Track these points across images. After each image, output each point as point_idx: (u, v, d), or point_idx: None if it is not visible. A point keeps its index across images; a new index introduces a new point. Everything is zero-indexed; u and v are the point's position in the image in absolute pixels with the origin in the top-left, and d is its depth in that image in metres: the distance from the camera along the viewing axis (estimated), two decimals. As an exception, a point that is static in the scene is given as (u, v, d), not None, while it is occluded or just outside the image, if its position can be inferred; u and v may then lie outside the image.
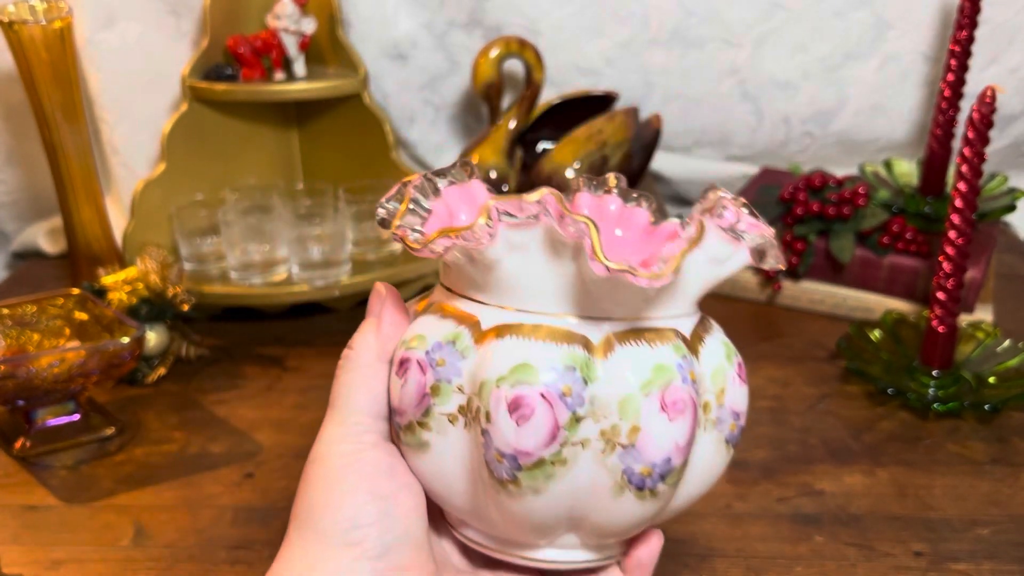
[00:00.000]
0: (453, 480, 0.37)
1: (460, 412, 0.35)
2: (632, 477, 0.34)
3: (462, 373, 0.35)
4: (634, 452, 0.34)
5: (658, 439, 0.34)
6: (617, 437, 0.34)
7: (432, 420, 0.36)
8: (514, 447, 0.34)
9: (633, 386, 0.34)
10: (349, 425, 0.37)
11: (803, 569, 0.56)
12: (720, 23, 0.99)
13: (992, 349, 0.75)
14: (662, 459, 0.34)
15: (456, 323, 0.36)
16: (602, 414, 0.34)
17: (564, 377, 0.34)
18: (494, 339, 0.35)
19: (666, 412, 0.34)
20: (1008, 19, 0.96)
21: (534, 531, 0.37)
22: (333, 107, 0.93)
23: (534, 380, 0.33)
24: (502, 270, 0.35)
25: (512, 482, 0.34)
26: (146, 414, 0.74)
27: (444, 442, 0.36)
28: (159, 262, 0.78)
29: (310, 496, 0.37)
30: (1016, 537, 0.59)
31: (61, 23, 0.79)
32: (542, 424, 0.33)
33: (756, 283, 0.90)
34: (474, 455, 0.35)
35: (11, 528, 0.62)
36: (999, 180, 0.91)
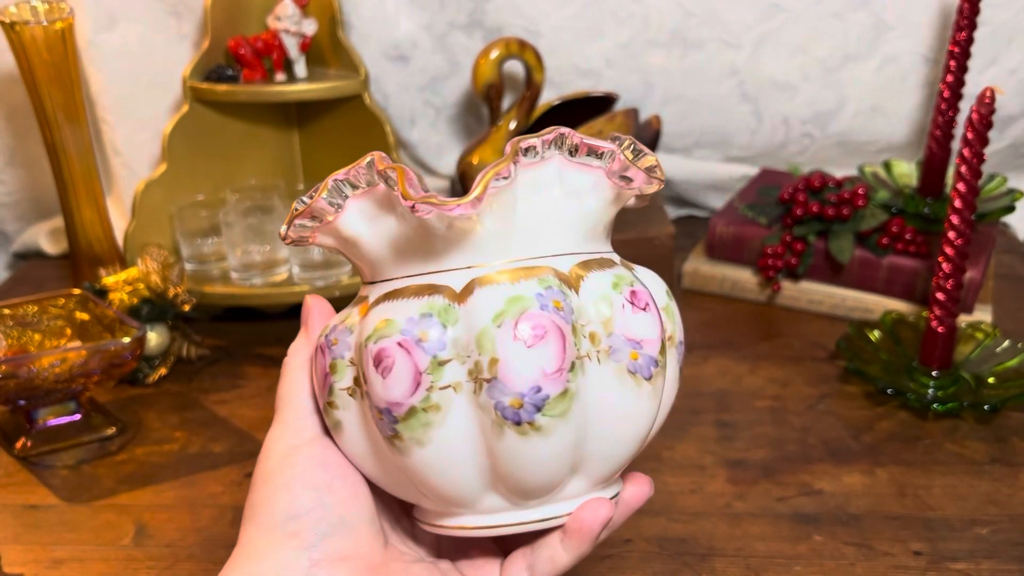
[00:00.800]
0: (367, 455, 0.38)
1: (355, 384, 0.37)
2: (505, 411, 0.34)
3: (351, 347, 0.37)
4: (499, 384, 0.34)
5: (519, 367, 0.34)
6: (480, 373, 0.34)
7: (336, 398, 0.37)
8: (386, 400, 0.35)
9: (486, 318, 0.34)
10: (289, 423, 0.39)
11: (802, 568, 0.56)
12: (720, 24, 0.99)
13: (991, 349, 0.75)
14: (529, 387, 0.34)
15: (353, 306, 0.38)
16: (465, 354, 0.35)
17: (419, 324, 0.35)
18: (372, 308, 0.36)
19: (522, 339, 0.34)
20: (1007, 20, 0.96)
21: (449, 491, 0.37)
22: (334, 108, 0.93)
23: (392, 332, 0.35)
24: (368, 244, 0.37)
25: (395, 436, 0.35)
26: (147, 414, 0.75)
27: (350, 417, 0.37)
28: (160, 262, 0.78)
29: (254, 493, 0.39)
30: (1015, 537, 0.59)
31: (62, 24, 0.79)
32: (403, 372, 0.34)
33: (756, 283, 0.90)
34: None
35: (12, 527, 0.62)
36: (998, 181, 0.92)
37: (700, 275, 0.92)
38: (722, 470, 0.66)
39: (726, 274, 0.91)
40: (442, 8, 0.99)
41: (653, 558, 0.58)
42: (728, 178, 1.05)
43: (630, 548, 0.58)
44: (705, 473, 0.65)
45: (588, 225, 0.38)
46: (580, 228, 0.38)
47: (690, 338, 0.84)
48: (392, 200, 0.36)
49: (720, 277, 0.91)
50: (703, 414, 0.72)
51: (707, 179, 1.06)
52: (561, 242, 0.38)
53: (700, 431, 0.70)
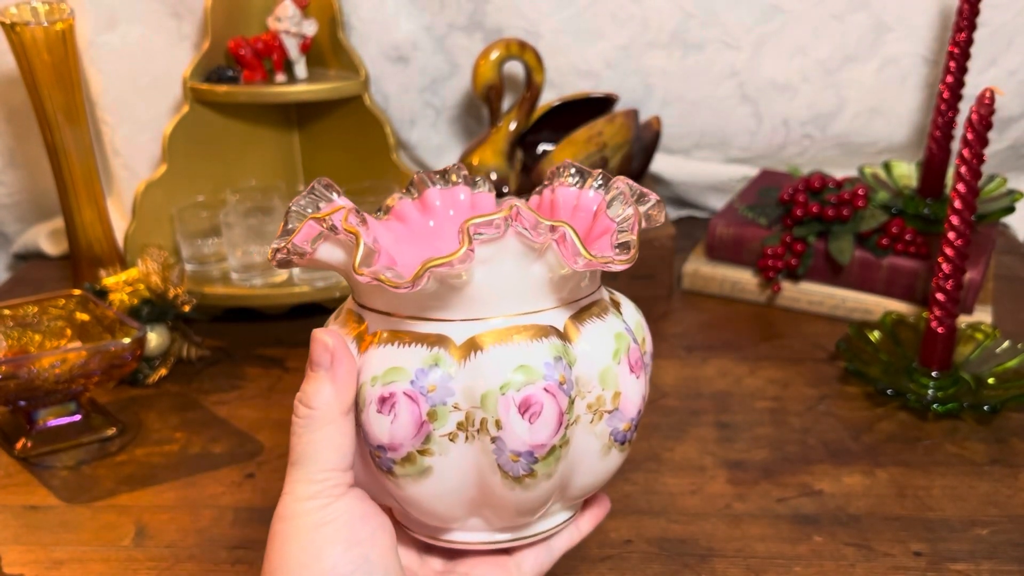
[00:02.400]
0: (456, 494, 0.38)
1: (459, 428, 0.36)
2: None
3: (455, 392, 0.36)
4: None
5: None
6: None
7: (433, 444, 0.37)
8: (529, 444, 0.36)
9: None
10: (317, 482, 0.37)
11: (802, 569, 0.56)
12: (719, 26, 0.99)
13: (991, 350, 0.75)
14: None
15: (427, 347, 0.37)
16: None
17: (555, 370, 0.36)
18: (476, 351, 0.36)
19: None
20: (1007, 21, 0.96)
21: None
22: (334, 109, 0.93)
23: (536, 378, 0.36)
24: (468, 286, 0.37)
25: (529, 475, 0.37)
26: (147, 414, 0.75)
27: (446, 461, 0.37)
28: (160, 263, 0.78)
29: (286, 554, 0.36)
30: (1015, 537, 0.59)
31: (63, 25, 0.79)
32: (551, 416, 0.36)
33: (756, 284, 0.90)
34: (482, 463, 0.37)
35: (12, 528, 0.62)
36: (998, 182, 0.92)
37: (700, 276, 0.92)
38: (722, 471, 0.66)
39: (726, 275, 0.91)
40: (442, 9, 0.99)
41: (653, 559, 0.58)
42: (728, 179, 1.05)
43: (630, 549, 0.58)
44: (705, 474, 0.66)
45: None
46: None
47: (690, 339, 0.84)
48: (527, 244, 0.36)
49: (720, 278, 0.91)
50: (703, 415, 0.72)
51: (707, 180, 1.06)
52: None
53: (700, 432, 0.70)
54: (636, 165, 0.93)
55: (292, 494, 0.37)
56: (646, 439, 0.69)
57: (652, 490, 0.64)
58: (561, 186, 0.43)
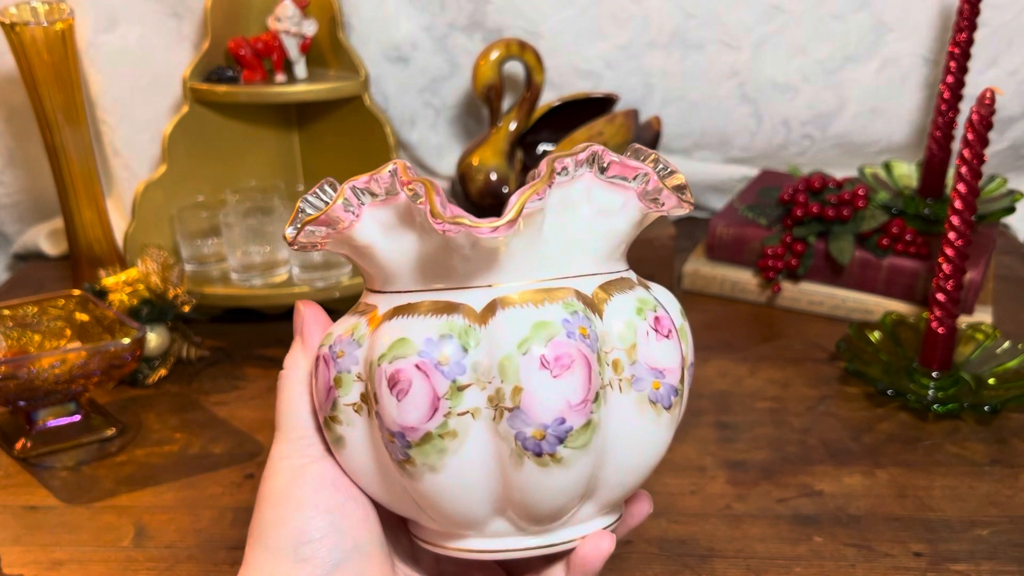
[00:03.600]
0: (370, 473, 0.36)
1: (363, 400, 0.35)
2: (526, 442, 0.33)
3: (359, 361, 0.35)
4: (521, 415, 0.33)
5: (544, 398, 0.33)
6: (502, 401, 0.33)
7: (340, 413, 0.35)
8: (399, 424, 0.33)
9: (510, 345, 0.33)
10: (293, 440, 0.38)
11: (802, 569, 0.56)
12: (720, 26, 0.99)
13: (991, 350, 0.75)
14: (553, 419, 0.33)
15: (358, 316, 0.36)
16: (486, 379, 0.33)
17: (439, 346, 0.33)
18: (384, 322, 0.35)
19: (548, 368, 0.33)
20: (1007, 21, 0.96)
21: (457, 516, 0.36)
22: (334, 109, 0.93)
23: (409, 352, 0.33)
24: (383, 254, 0.35)
25: (407, 461, 0.34)
26: (147, 415, 0.75)
27: (354, 434, 0.36)
28: (160, 263, 0.78)
29: (261, 514, 0.37)
30: (1015, 538, 0.59)
31: (63, 25, 0.79)
32: (421, 396, 0.33)
33: (756, 284, 0.90)
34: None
35: (12, 528, 0.62)
36: (998, 182, 0.92)
37: (700, 276, 0.92)
38: (722, 471, 0.66)
39: (726, 275, 0.91)
40: (442, 9, 0.99)
41: (653, 559, 0.58)
42: (728, 179, 1.05)
43: (630, 549, 0.58)
44: (705, 474, 0.65)
45: (612, 245, 0.37)
46: (604, 248, 0.37)
47: (690, 339, 0.84)
48: (413, 212, 0.34)
49: (720, 278, 0.91)
50: (703, 415, 0.72)
51: (707, 180, 1.06)
52: (584, 262, 0.36)
53: (700, 432, 0.70)
54: (636, 165, 0.93)
55: (272, 456, 0.38)
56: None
57: (652, 490, 0.64)
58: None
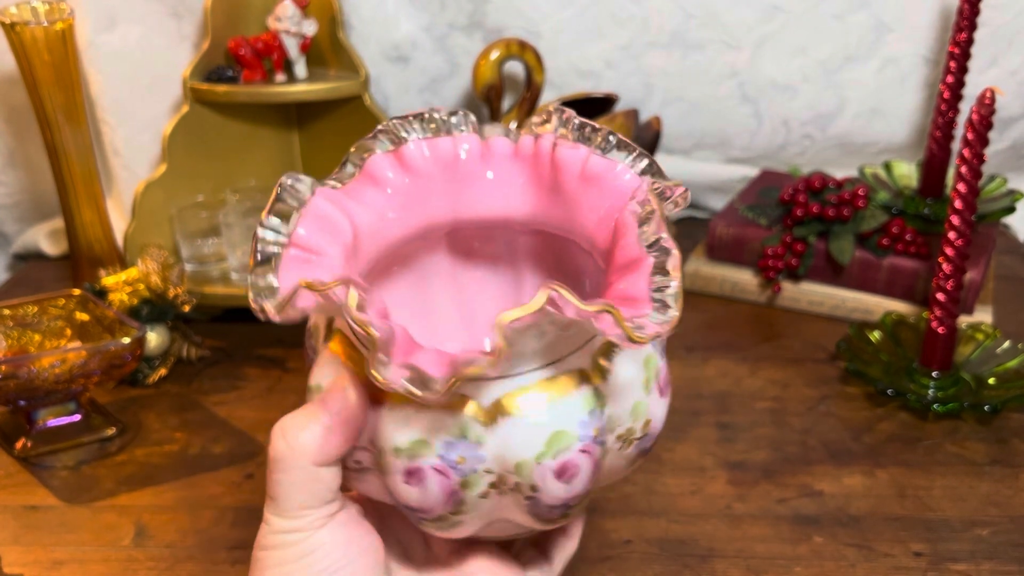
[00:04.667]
0: (475, 530, 0.38)
1: (491, 487, 0.35)
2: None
3: (485, 459, 0.34)
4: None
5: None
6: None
7: (466, 506, 0.35)
8: (565, 500, 0.35)
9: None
10: (294, 518, 0.36)
11: (802, 570, 0.56)
12: (720, 26, 0.99)
13: (991, 350, 0.75)
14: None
15: (449, 412, 0.34)
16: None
17: (590, 427, 0.35)
18: (504, 416, 0.34)
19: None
20: (1007, 22, 0.96)
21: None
22: (334, 109, 0.93)
23: (572, 442, 0.34)
24: None
25: (563, 517, 0.37)
26: (147, 415, 0.75)
27: (476, 515, 0.36)
28: (160, 263, 0.78)
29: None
30: (1015, 538, 0.59)
31: (63, 25, 0.79)
32: (587, 472, 0.35)
33: (756, 285, 0.90)
34: (511, 510, 0.36)
35: (12, 528, 0.62)
36: (998, 182, 0.92)
37: (700, 276, 0.92)
38: (722, 471, 0.66)
39: (726, 275, 0.91)
40: (442, 9, 0.99)
41: (653, 559, 0.58)
42: (728, 179, 1.05)
43: (630, 549, 0.58)
44: (705, 475, 0.65)
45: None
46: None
47: (690, 339, 0.84)
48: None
49: (720, 278, 0.91)
50: (703, 416, 0.72)
51: (707, 180, 1.06)
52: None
53: (700, 432, 0.70)
54: (636, 165, 0.93)
55: (270, 525, 0.37)
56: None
57: (652, 490, 0.64)
58: (562, 144, 0.39)
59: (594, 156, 0.38)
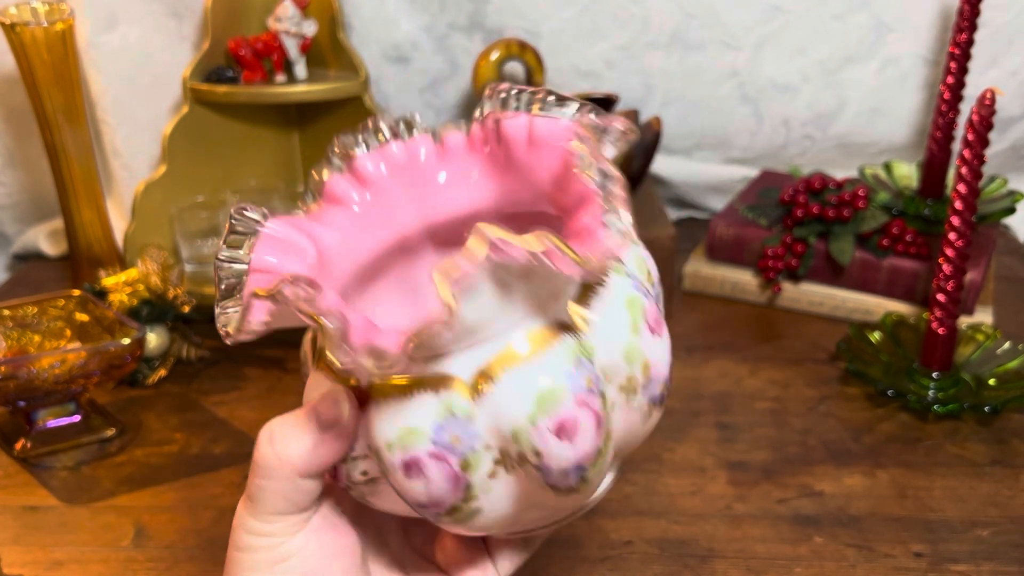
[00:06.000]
0: (505, 519, 0.36)
1: (496, 464, 0.34)
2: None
3: (480, 435, 0.33)
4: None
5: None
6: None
7: (475, 489, 0.34)
8: (576, 461, 0.33)
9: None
10: (270, 523, 0.36)
11: (802, 570, 0.56)
12: (720, 26, 0.99)
13: (992, 351, 0.75)
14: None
15: (432, 393, 0.33)
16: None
17: (579, 377, 0.33)
18: (489, 383, 0.33)
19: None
20: (1007, 22, 0.96)
21: (588, 505, 0.39)
22: (334, 109, 0.93)
23: (564, 395, 0.32)
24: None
25: (582, 483, 0.34)
26: (147, 415, 0.75)
27: (490, 497, 0.35)
28: (160, 263, 0.78)
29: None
30: (1016, 538, 0.59)
31: (63, 25, 0.79)
32: (590, 426, 0.33)
33: (756, 285, 0.90)
34: (528, 488, 0.34)
35: (12, 529, 0.62)
36: (999, 183, 0.92)
37: (701, 277, 0.92)
38: (723, 472, 0.66)
39: (726, 276, 0.91)
40: (442, 10, 0.99)
41: (654, 559, 0.58)
42: (728, 180, 1.05)
43: (631, 549, 0.58)
44: (706, 475, 0.65)
45: None
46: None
47: (690, 340, 0.84)
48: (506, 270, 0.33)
49: (720, 279, 0.91)
50: (703, 416, 0.72)
51: (707, 181, 1.06)
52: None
53: (701, 433, 0.70)
54: (637, 166, 0.93)
55: (244, 527, 0.36)
56: (647, 439, 0.68)
57: (652, 491, 0.64)
58: (504, 118, 0.38)
59: (536, 119, 0.37)
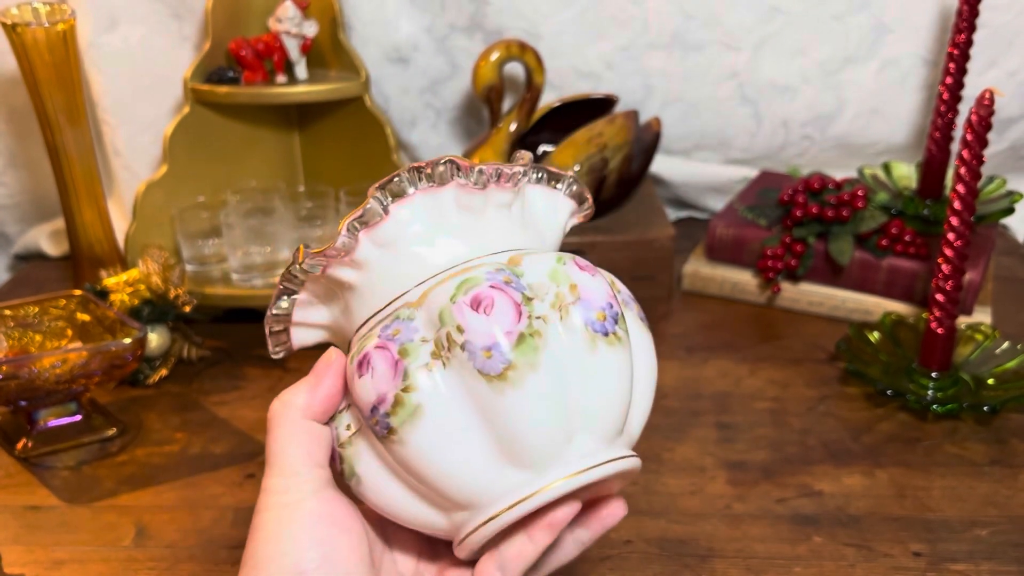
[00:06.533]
0: (461, 433, 0.37)
1: (433, 357, 0.37)
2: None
3: (419, 329, 0.38)
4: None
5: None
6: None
7: (413, 378, 0.37)
8: (493, 334, 0.37)
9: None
10: (287, 477, 0.39)
11: (802, 569, 0.57)
12: (720, 27, 0.99)
13: (991, 351, 0.75)
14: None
15: (389, 312, 0.40)
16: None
17: (498, 275, 0.38)
18: (433, 289, 0.38)
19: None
20: (1006, 22, 0.96)
21: (544, 429, 0.38)
22: (334, 110, 0.93)
23: (480, 280, 0.38)
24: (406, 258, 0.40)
25: (509, 367, 0.37)
26: (148, 415, 0.75)
27: (433, 395, 0.37)
28: (161, 264, 0.78)
29: (256, 546, 0.38)
30: (1015, 538, 0.59)
31: (64, 26, 0.79)
32: (505, 303, 0.37)
33: (755, 285, 0.90)
34: (467, 381, 0.37)
35: (13, 528, 0.62)
36: (998, 183, 0.92)
37: (700, 277, 0.92)
38: (722, 471, 0.66)
39: (726, 276, 0.91)
40: (443, 10, 0.99)
41: (653, 559, 0.58)
42: (728, 180, 1.05)
43: (630, 549, 0.58)
44: (705, 475, 0.66)
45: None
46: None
47: (690, 340, 0.84)
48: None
49: (720, 279, 0.91)
50: (703, 416, 0.72)
51: (707, 181, 1.06)
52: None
53: (700, 433, 0.70)
54: (636, 166, 0.93)
55: (266, 490, 0.39)
56: (646, 440, 0.69)
57: (652, 491, 0.64)
58: None
59: None
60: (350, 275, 0.40)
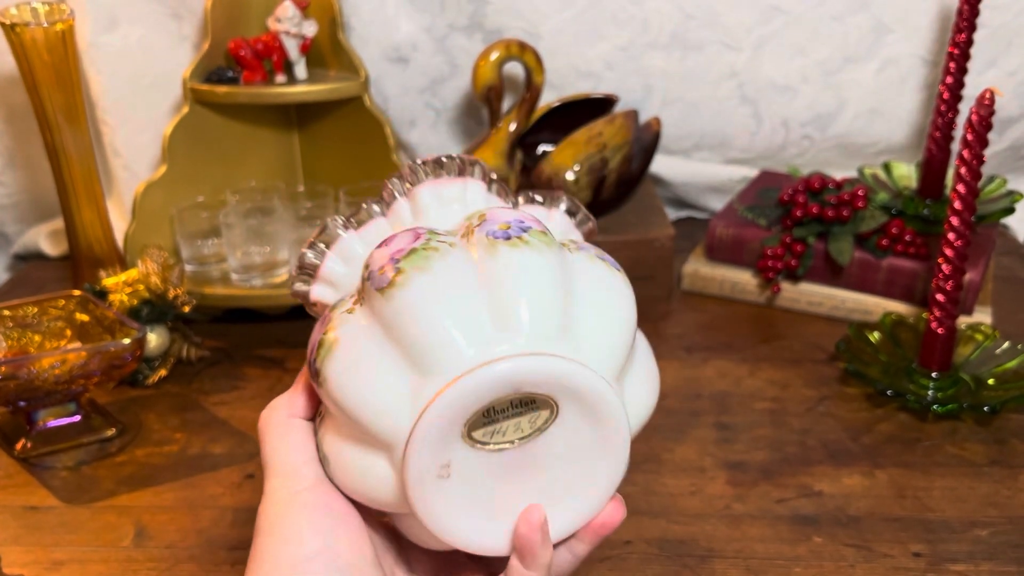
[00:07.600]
0: (375, 359, 0.37)
1: (355, 303, 0.39)
2: (495, 234, 0.38)
3: (353, 293, 0.40)
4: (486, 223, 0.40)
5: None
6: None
7: (332, 322, 0.38)
8: (389, 255, 0.37)
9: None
10: (284, 475, 0.40)
11: (802, 570, 0.57)
12: (719, 27, 0.99)
13: (991, 351, 0.75)
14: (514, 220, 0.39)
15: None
16: (455, 230, 0.41)
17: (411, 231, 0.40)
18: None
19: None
20: (1006, 22, 0.96)
21: (446, 332, 0.36)
22: (334, 110, 0.93)
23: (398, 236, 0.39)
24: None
25: (398, 274, 0.37)
26: (147, 415, 0.75)
27: (344, 327, 0.38)
28: (160, 264, 0.78)
29: (260, 541, 0.39)
30: (1014, 538, 0.59)
31: (63, 26, 0.79)
32: (405, 238, 0.39)
33: (755, 285, 0.90)
34: (372, 305, 0.38)
35: (12, 529, 0.62)
36: (998, 183, 0.92)
37: (700, 277, 0.92)
38: (722, 472, 0.66)
39: (726, 276, 0.91)
40: (442, 10, 0.99)
41: (653, 559, 0.58)
42: (728, 180, 1.05)
43: (630, 549, 0.58)
44: (705, 475, 0.66)
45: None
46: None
47: (689, 340, 0.84)
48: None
49: (720, 279, 0.91)
50: (703, 416, 0.72)
51: (707, 181, 1.06)
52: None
53: (700, 433, 0.70)
54: (636, 166, 0.93)
55: (266, 492, 0.41)
56: (646, 440, 0.69)
57: (652, 491, 0.64)
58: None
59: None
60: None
